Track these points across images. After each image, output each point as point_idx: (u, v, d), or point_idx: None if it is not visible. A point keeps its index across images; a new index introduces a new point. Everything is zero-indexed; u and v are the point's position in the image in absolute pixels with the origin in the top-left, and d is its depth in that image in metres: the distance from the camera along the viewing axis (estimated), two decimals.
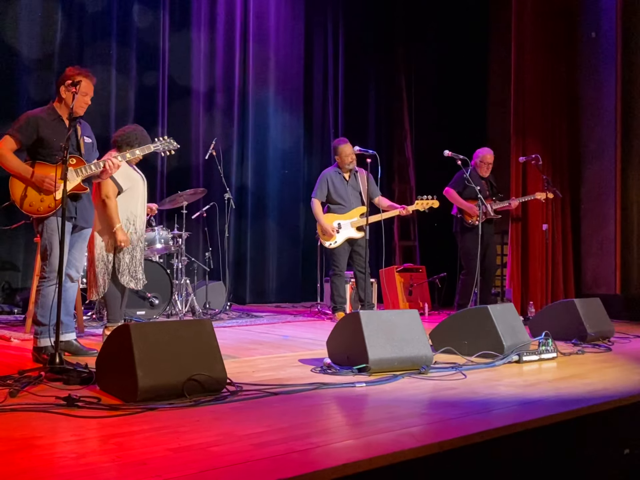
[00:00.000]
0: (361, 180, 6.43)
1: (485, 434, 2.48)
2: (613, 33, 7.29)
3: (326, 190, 6.46)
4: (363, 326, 3.65)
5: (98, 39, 7.47)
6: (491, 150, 6.65)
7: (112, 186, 4.67)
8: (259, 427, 2.48)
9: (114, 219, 4.64)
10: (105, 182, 4.62)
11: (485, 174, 6.61)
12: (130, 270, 4.66)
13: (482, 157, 6.60)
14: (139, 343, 2.83)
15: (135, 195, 4.83)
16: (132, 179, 4.83)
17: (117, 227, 4.64)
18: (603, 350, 4.72)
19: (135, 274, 4.67)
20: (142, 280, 4.76)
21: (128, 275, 4.64)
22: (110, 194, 4.66)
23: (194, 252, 7.72)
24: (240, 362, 3.97)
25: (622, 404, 3.16)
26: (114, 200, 4.67)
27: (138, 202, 4.85)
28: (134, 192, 4.82)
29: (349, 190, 6.45)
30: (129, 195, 4.79)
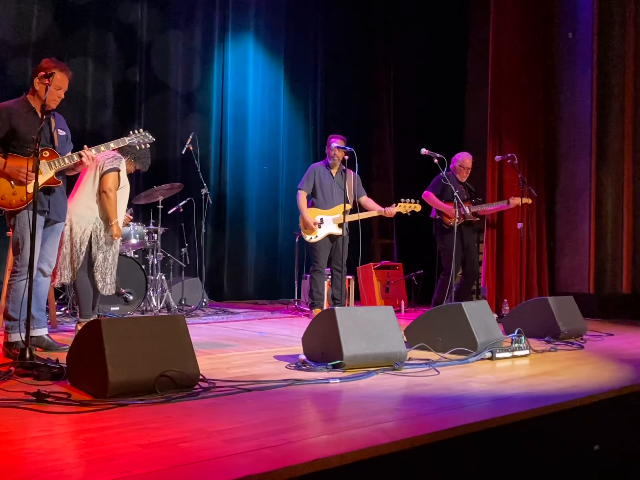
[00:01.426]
0: (348, 179, 6.45)
1: (457, 430, 2.49)
2: (589, 34, 7.36)
3: (312, 183, 6.46)
4: (338, 322, 3.65)
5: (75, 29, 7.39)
6: (470, 156, 6.69)
7: (115, 180, 4.60)
8: (230, 423, 2.46)
9: (113, 212, 4.58)
10: (110, 175, 4.55)
11: (464, 179, 6.65)
12: (102, 271, 4.58)
13: (461, 161, 6.63)
14: (110, 339, 2.80)
15: (122, 198, 4.78)
16: (126, 182, 4.80)
17: (114, 221, 4.58)
18: (575, 348, 4.77)
19: (104, 277, 4.59)
20: (109, 285, 4.64)
21: (99, 274, 4.56)
22: (113, 187, 4.59)
23: (171, 247, 7.66)
24: (214, 359, 3.95)
25: (592, 401, 3.19)
26: (115, 194, 4.60)
27: (121, 206, 4.78)
28: (121, 196, 4.77)
29: (335, 187, 6.45)
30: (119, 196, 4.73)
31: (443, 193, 6.43)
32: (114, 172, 4.56)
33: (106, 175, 4.54)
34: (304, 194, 6.48)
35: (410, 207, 6.30)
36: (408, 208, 6.31)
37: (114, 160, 4.60)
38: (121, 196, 4.70)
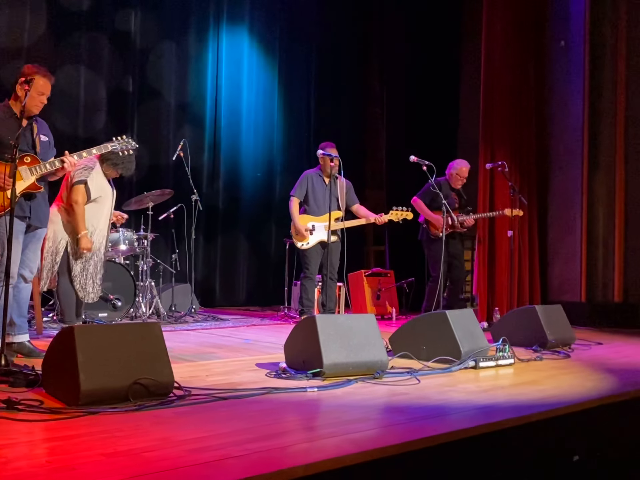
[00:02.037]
0: (340, 187, 6.44)
1: (429, 441, 2.47)
2: (581, 43, 7.36)
3: (305, 189, 6.45)
4: (319, 330, 3.63)
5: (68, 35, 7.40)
6: (468, 165, 6.67)
7: (82, 192, 4.62)
8: (199, 432, 2.44)
9: (80, 225, 4.58)
10: (77, 187, 4.58)
11: (457, 186, 6.64)
12: (80, 281, 4.58)
13: (458, 169, 6.61)
14: (83, 346, 2.78)
15: (101, 208, 4.76)
16: (104, 191, 4.77)
17: (82, 233, 4.58)
18: (562, 357, 4.75)
19: (84, 286, 4.59)
20: (93, 294, 4.65)
21: (78, 284, 4.56)
22: (80, 199, 4.60)
23: (162, 254, 7.65)
24: (195, 366, 3.93)
25: (573, 410, 3.17)
26: (82, 207, 4.61)
27: (102, 215, 4.78)
28: (100, 205, 4.75)
29: (327, 194, 6.44)
30: (96, 206, 4.72)
31: (432, 201, 6.42)
32: (80, 185, 4.56)
33: (73, 187, 4.56)
34: (297, 200, 6.47)
35: (402, 214, 6.29)
36: (400, 216, 6.30)
37: (83, 171, 4.59)
38: (100, 205, 4.67)
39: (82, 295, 4.65)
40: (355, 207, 6.55)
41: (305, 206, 6.51)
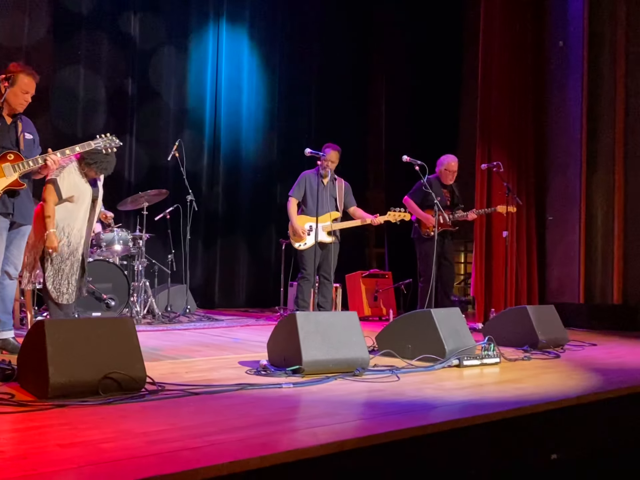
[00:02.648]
0: (338, 188, 6.44)
1: (391, 435, 2.45)
2: (580, 43, 7.32)
3: (303, 190, 6.45)
4: (298, 327, 3.62)
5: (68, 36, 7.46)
6: (456, 158, 6.65)
7: (51, 192, 4.44)
8: (162, 425, 2.44)
9: (48, 223, 4.44)
10: (46, 186, 4.46)
11: (449, 182, 6.61)
12: (54, 282, 4.49)
13: (447, 164, 6.59)
14: (52, 339, 2.79)
15: (77, 207, 4.61)
16: (79, 190, 4.61)
17: (49, 232, 4.40)
18: (551, 356, 4.70)
19: (58, 287, 4.49)
20: (67, 295, 4.55)
21: (51, 285, 4.49)
22: (49, 199, 4.46)
23: (160, 254, 7.66)
24: (177, 363, 3.93)
25: (549, 408, 3.13)
26: (51, 205, 4.45)
27: (79, 214, 4.63)
28: (77, 204, 4.61)
29: (325, 195, 6.43)
30: (70, 205, 4.59)
31: (424, 200, 6.40)
32: (50, 184, 4.43)
33: (45, 186, 4.47)
34: (295, 201, 6.47)
35: (399, 216, 6.27)
36: (397, 217, 6.28)
37: (57, 169, 4.52)
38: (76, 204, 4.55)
39: (55, 296, 4.49)
40: (352, 209, 6.55)
41: (303, 207, 6.51)
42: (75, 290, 4.61)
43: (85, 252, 4.68)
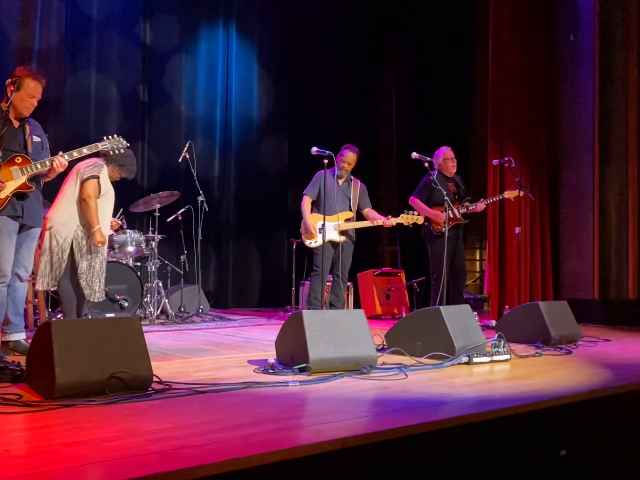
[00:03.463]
0: (354, 189, 6.44)
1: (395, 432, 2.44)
2: (591, 36, 7.26)
3: (317, 189, 6.46)
4: (305, 326, 3.62)
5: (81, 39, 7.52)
6: (448, 147, 6.63)
7: (95, 187, 4.63)
8: (166, 423, 2.45)
9: (94, 219, 4.60)
10: (90, 182, 4.59)
11: (452, 171, 6.56)
12: (87, 278, 4.60)
13: (443, 155, 6.57)
14: (59, 340, 2.81)
15: (105, 205, 4.79)
16: (109, 190, 4.83)
17: (96, 227, 4.59)
18: (563, 353, 4.66)
19: (91, 284, 4.61)
20: (99, 293, 4.67)
21: (84, 282, 4.59)
22: (93, 194, 4.62)
23: (173, 255, 7.70)
24: (185, 363, 3.95)
25: (558, 404, 3.11)
26: (95, 201, 4.63)
27: (105, 212, 4.81)
28: (105, 203, 4.79)
29: (339, 195, 6.43)
30: (101, 204, 4.76)
31: (431, 197, 6.36)
32: (93, 179, 4.59)
33: (86, 182, 4.58)
34: (309, 199, 6.47)
35: (412, 219, 6.24)
36: (410, 220, 6.25)
37: (94, 167, 4.64)
38: (104, 203, 4.73)
39: (88, 293, 4.64)
40: (366, 211, 6.54)
41: (316, 205, 6.51)
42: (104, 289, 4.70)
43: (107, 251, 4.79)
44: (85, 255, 4.63)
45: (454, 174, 6.61)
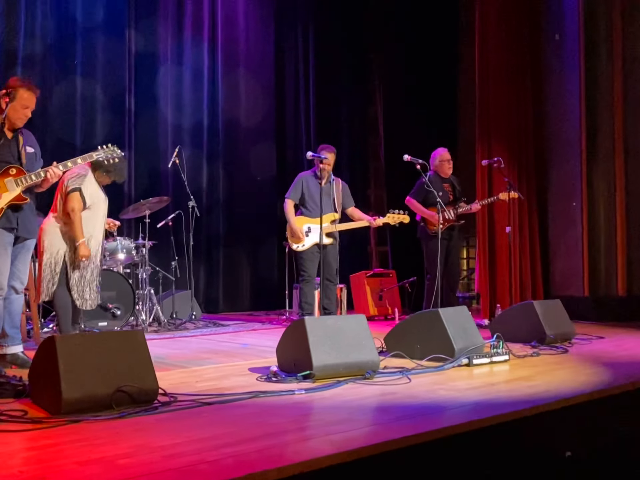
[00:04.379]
0: (336, 189, 6.43)
1: (410, 440, 2.45)
2: (576, 35, 7.30)
3: (300, 192, 6.44)
4: (308, 332, 3.62)
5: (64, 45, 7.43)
6: (445, 149, 6.67)
7: (78, 200, 4.63)
8: (178, 438, 2.43)
9: (78, 232, 4.59)
10: (72, 195, 4.60)
11: (448, 172, 6.59)
12: (78, 289, 4.61)
13: (440, 157, 6.61)
14: (64, 355, 2.79)
15: (95, 214, 4.77)
16: (97, 198, 4.79)
17: (80, 241, 4.59)
18: (560, 351, 4.70)
19: (82, 294, 4.61)
20: (91, 301, 4.67)
21: (76, 293, 4.60)
22: (76, 207, 4.61)
23: (164, 261, 7.65)
24: (186, 372, 3.93)
25: (562, 406, 3.13)
26: (79, 214, 4.62)
27: (97, 222, 4.79)
28: (94, 212, 4.76)
29: (323, 196, 6.42)
30: (90, 213, 4.73)
31: (426, 198, 6.39)
32: (75, 192, 4.58)
33: (68, 196, 4.59)
34: (292, 202, 6.46)
35: (399, 218, 6.25)
36: (397, 219, 6.26)
37: (77, 179, 4.62)
38: (93, 213, 4.70)
39: (80, 303, 4.67)
40: (351, 210, 6.54)
41: (301, 208, 6.50)
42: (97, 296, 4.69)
43: (100, 259, 4.76)
44: (77, 267, 4.63)
45: (451, 174, 6.64)
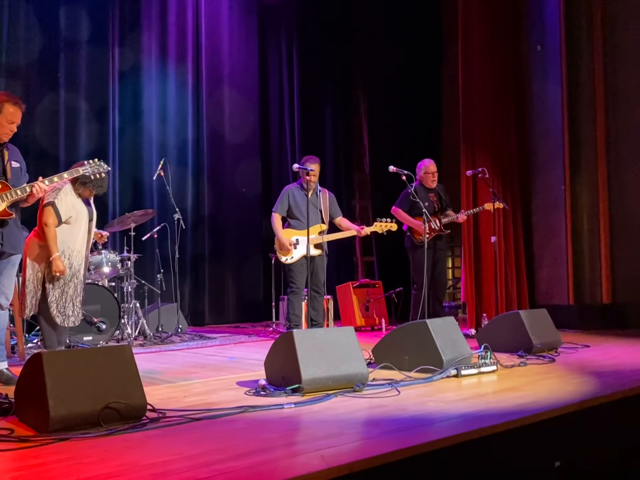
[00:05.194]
0: (323, 199, 6.44)
1: (401, 453, 2.44)
2: (557, 46, 7.39)
3: (287, 205, 6.44)
4: (296, 345, 3.61)
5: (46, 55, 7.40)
6: (432, 160, 6.73)
7: (52, 214, 4.54)
8: (167, 455, 2.41)
9: (52, 247, 4.51)
10: (45, 209, 4.55)
11: (432, 185, 6.64)
12: (59, 306, 4.52)
13: (425, 168, 6.65)
14: (51, 372, 2.76)
15: (75, 228, 4.68)
16: (76, 211, 4.68)
17: (54, 256, 4.48)
18: (547, 361, 4.73)
19: (63, 310, 4.53)
20: (73, 317, 4.59)
21: (55, 310, 4.51)
22: (50, 222, 4.53)
23: (149, 274, 7.62)
24: (174, 387, 3.90)
25: (550, 416, 3.14)
26: (52, 229, 4.53)
27: (78, 236, 4.69)
28: (75, 226, 4.68)
29: (309, 207, 6.41)
30: (69, 227, 4.65)
31: (413, 208, 6.42)
32: (48, 206, 4.51)
33: (44, 209, 4.53)
34: (279, 216, 6.46)
35: (386, 226, 6.28)
36: (384, 227, 6.28)
37: (52, 193, 4.54)
38: (74, 226, 4.62)
39: (60, 320, 4.56)
40: (338, 220, 6.55)
41: (289, 220, 6.50)
42: (80, 312, 4.62)
43: (84, 274, 4.69)
44: (57, 283, 4.55)
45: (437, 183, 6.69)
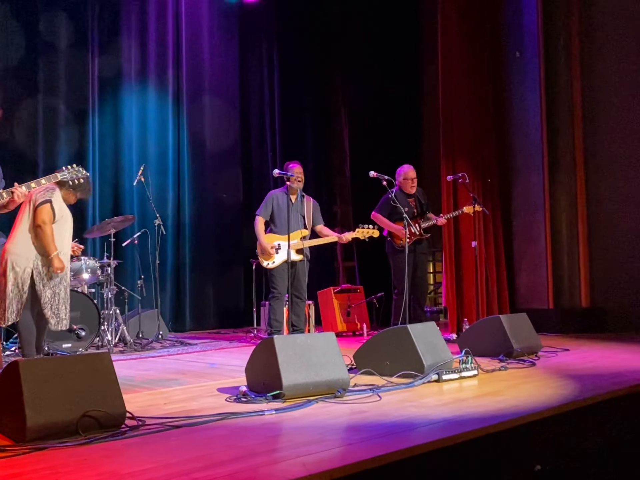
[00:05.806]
0: (307, 206, 6.45)
1: (381, 459, 2.44)
2: (536, 52, 7.48)
3: (270, 209, 6.45)
4: (277, 351, 3.59)
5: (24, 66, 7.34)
6: (411, 166, 6.77)
7: (49, 212, 4.54)
8: (147, 463, 2.39)
9: (50, 245, 4.50)
10: (43, 207, 4.51)
11: (412, 191, 6.67)
12: (52, 307, 4.50)
13: (404, 174, 6.69)
14: (28, 380, 2.72)
15: (63, 230, 4.71)
16: (64, 213, 4.73)
17: (54, 254, 4.50)
18: (527, 365, 4.75)
19: (57, 312, 4.51)
20: (65, 320, 4.58)
21: (49, 311, 4.48)
22: (47, 219, 4.52)
23: (129, 280, 7.57)
24: (154, 394, 3.87)
25: (530, 420, 3.16)
26: (50, 227, 4.53)
27: (65, 237, 4.73)
28: (63, 228, 4.70)
29: (293, 213, 6.42)
30: (58, 228, 4.66)
31: (393, 213, 6.45)
32: (46, 204, 4.51)
33: (39, 208, 4.50)
34: (262, 220, 6.46)
35: (368, 232, 6.29)
36: (366, 234, 6.30)
37: (46, 192, 4.55)
38: (62, 227, 4.64)
39: (55, 322, 4.55)
40: (319, 227, 6.57)
41: (271, 225, 6.50)
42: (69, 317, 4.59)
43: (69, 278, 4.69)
44: (47, 284, 4.54)
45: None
